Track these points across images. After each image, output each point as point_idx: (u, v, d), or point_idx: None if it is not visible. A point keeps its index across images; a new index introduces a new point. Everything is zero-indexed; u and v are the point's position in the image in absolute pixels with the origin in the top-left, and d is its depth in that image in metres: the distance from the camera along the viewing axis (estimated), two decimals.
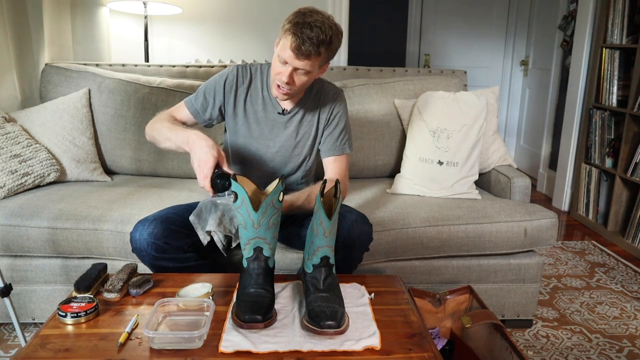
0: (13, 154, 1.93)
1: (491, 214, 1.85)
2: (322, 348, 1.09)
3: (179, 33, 3.09)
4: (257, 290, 1.23)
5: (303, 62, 1.43)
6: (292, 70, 1.46)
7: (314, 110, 1.67)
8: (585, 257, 2.74)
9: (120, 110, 2.21)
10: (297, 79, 1.48)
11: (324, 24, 1.41)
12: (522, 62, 4.58)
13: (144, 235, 1.43)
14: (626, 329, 2.02)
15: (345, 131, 1.70)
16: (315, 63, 1.46)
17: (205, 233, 1.44)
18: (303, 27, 1.39)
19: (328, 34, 1.41)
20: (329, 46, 1.45)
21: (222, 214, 1.43)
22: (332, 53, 1.50)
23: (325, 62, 1.53)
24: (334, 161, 1.68)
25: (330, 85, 1.71)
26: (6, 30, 2.23)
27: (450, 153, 2.01)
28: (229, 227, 1.42)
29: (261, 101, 1.65)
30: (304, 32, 1.38)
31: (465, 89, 2.49)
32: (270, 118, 1.65)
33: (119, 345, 1.09)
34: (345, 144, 1.70)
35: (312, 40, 1.39)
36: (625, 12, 2.93)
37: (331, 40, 1.43)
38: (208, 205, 1.45)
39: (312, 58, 1.43)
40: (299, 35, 1.39)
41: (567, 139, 3.50)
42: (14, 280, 1.78)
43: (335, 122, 1.68)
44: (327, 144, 1.69)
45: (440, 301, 1.65)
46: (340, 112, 1.69)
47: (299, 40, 1.39)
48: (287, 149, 1.68)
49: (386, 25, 4.95)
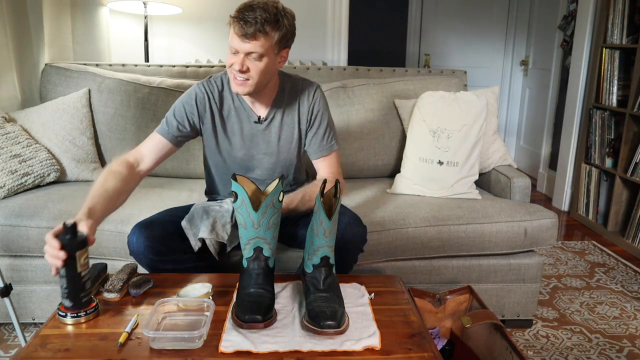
0: (13, 154, 1.93)
1: (491, 214, 1.85)
2: (322, 348, 1.09)
3: (179, 33, 3.09)
4: (257, 290, 1.23)
5: (251, 44, 1.38)
6: (243, 57, 1.41)
7: (292, 111, 1.61)
8: (585, 257, 2.74)
9: (120, 110, 2.21)
10: (251, 65, 1.42)
11: (267, 4, 1.39)
12: (522, 62, 4.58)
13: (141, 239, 1.43)
14: (626, 329, 2.02)
15: (329, 128, 1.65)
16: (265, 44, 1.40)
17: (197, 239, 1.43)
18: (244, 11, 1.37)
19: (272, 12, 1.38)
20: (276, 25, 1.39)
21: (214, 220, 1.42)
22: (285, 36, 1.44)
23: (281, 47, 1.46)
24: (324, 161, 1.65)
25: (305, 83, 1.64)
26: (6, 30, 2.23)
27: (450, 153, 2.01)
28: (221, 234, 1.42)
29: (234, 113, 1.59)
30: (245, 14, 1.36)
31: (465, 89, 2.49)
32: (247, 128, 1.60)
33: (119, 345, 1.09)
34: (332, 141, 1.65)
35: (255, 20, 1.36)
36: (625, 12, 2.93)
37: (277, 19, 1.39)
38: (200, 211, 1.45)
39: (260, 38, 1.38)
40: (241, 18, 1.36)
41: (567, 139, 3.50)
42: (14, 280, 1.78)
43: (317, 121, 1.63)
44: (313, 146, 1.64)
45: (440, 301, 1.65)
46: (321, 109, 1.63)
47: (242, 22, 1.36)
48: (271, 156, 1.64)
49: (386, 25, 4.95)
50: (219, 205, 1.48)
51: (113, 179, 1.41)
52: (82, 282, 1.16)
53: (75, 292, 1.15)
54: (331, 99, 2.28)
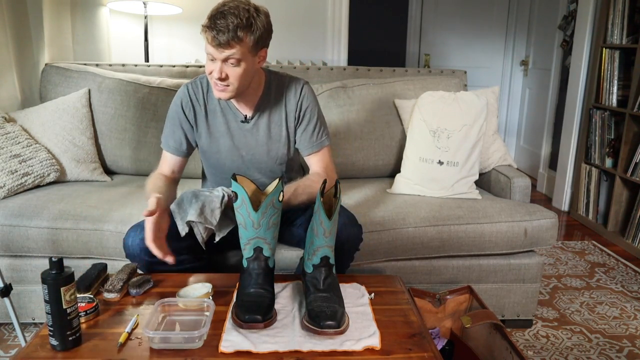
0: (13, 154, 1.93)
1: (491, 214, 1.85)
2: (322, 348, 1.09)
3: (179, 33, 3.09)
4: (257, 290, 1.23)
5: (227, 52, 1.37)
6: (221, 65, 1.39)
7: (279, 109, 1.60)
8: (585, 257, 2.74)
9: (120, 110, 2.21)
10: (230, 71, 1.41)
11: (238, 8, 1.36)
12: (522, 62, 4.58)
13: (136, 241, 1.43)
14: (626, 329, 2.02)
15: (319, 124, 1.63)
16: (241, 49, 1.38)
17: (184, 223, 1.42)
18: (216, 18, 1.35)
19: (244, 16, 1.35)
20: (249, 29, 1.37)
21: (203, 204, 1.41)
22: (261, 37, 1.42)
23: (258, 48, 1.44)
24: (315, 156, 1.63)
25: (292, 80, 1.62)
26: (6, 30, 2.23)
27: (450, 153, 2.01)
28: (209, 219, 1.40)
29: (221, 113, 1.59)
30: (217, 23, 1.34)
31: (465, 89, 2.49)
32: (234, 128, 1.60)
33: (119, 345, 1.09)
34: (322, 137, 1.63)
35: (227, 28, 1.33)
36: (625, 12, 2.93)
37: (250, 22, 1.37)
38: (189, 195, 1.44)
39: (235, 45, 1.36)
40: (213, 27, 1.35)
41: (567, 139, 3.50)
42: (14, 280, 1.78)
43: (307, 118, 1.61)
44: (304, 142, 1.63)
45: (440, 301, 1.65)
46: (309, 105, 1.61)
47: (214, 32, 1.35)
48: (261, 155, 1.63)
49: (386, 25, 4.95)
50: (209, 191, 1.47)
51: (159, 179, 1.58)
52: (69, 319, 1.07)
53: (61, 330, 1.07)
54: (331, 99, 2.28)
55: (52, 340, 1.08)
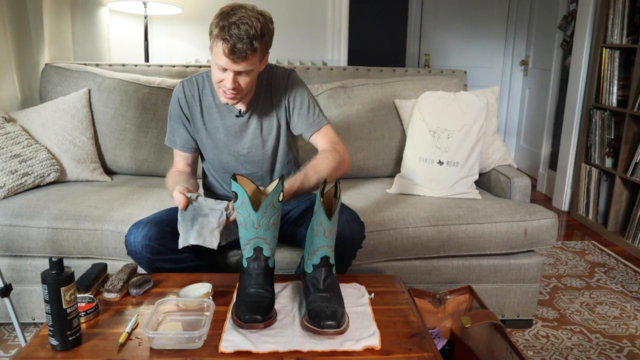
0: (13, 154, 1.93)
1: (491, 214, 1.85)
2: (322, 348, 1.09)
3: (179, 33, 3.09)
4: (257, 290, 1.23)
5: (242, 64, 1.38)
6: (234, 76, 1.40)
7: (270, 100, 1.60)
8: (585, 257, 2.74)
9: (120, 110, 2.21)
10: (241, 81, 1.43)
11: (250, 17, 1.35)
12: (522, 62, 4.58)
13: (137, 238, 1.43)
14: (626, 329, 2.02)
15: (313, 105, 1.62)
16: (254, 60, 1.40)
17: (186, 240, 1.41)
18: (230, 28, 1.33)
19: (257, 26, 1.35)
20: (262, 38, 1.38)
21: (202, 227, 1.41)
22: (268, 43, 1.44)
23: (265, 53, 1.46)
24: (319, 135, 1.61)
25: (278, 70, 1.62)
26: (6, 30, 2.23)
27: (450, 153, 2.01)
28: (209, 239, 1.40)
29: (215, 109, 1.60)
30: (232, 33, 1.33)
31: (465, 89, 2.49)
32: (229, 123, 1.60)
33: (119, 345, 1.09)
34: (320, 117, 1.62)
35: (243, 40, 1.33)
36: (625, 12, 2.93)
37: (262, 32, 1.37)
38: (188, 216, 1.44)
39: (250, 57, 1.37)
40: (229, 39, 1.33)
41: (567, 139, 3.50)
42: (14, 280, 1.78)
43: (297, 104, 1.60)
44: (302, 125, 1.62)
45: (440, 301, 1.65)
46: (298, 91, 1.61)
47: (230, 43, 1.33)
48: (257, 148, 1.63)
49: (386, 25, 4.95)
50: (210, 207, 1.47)
51: (177, 176, 1.62)
52: (69, 319, 1.07)
53: (61, 330, 1.07)
54: (331, 99, 2.28)
55: (52, 340, 1.08)
